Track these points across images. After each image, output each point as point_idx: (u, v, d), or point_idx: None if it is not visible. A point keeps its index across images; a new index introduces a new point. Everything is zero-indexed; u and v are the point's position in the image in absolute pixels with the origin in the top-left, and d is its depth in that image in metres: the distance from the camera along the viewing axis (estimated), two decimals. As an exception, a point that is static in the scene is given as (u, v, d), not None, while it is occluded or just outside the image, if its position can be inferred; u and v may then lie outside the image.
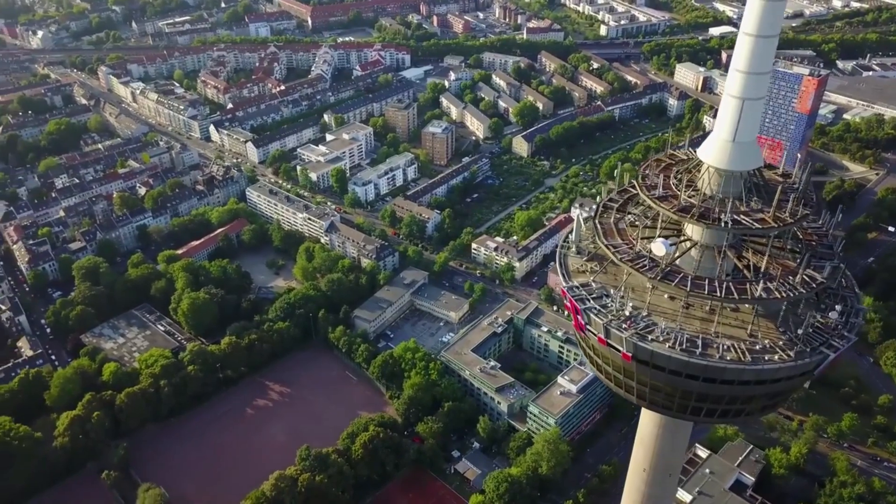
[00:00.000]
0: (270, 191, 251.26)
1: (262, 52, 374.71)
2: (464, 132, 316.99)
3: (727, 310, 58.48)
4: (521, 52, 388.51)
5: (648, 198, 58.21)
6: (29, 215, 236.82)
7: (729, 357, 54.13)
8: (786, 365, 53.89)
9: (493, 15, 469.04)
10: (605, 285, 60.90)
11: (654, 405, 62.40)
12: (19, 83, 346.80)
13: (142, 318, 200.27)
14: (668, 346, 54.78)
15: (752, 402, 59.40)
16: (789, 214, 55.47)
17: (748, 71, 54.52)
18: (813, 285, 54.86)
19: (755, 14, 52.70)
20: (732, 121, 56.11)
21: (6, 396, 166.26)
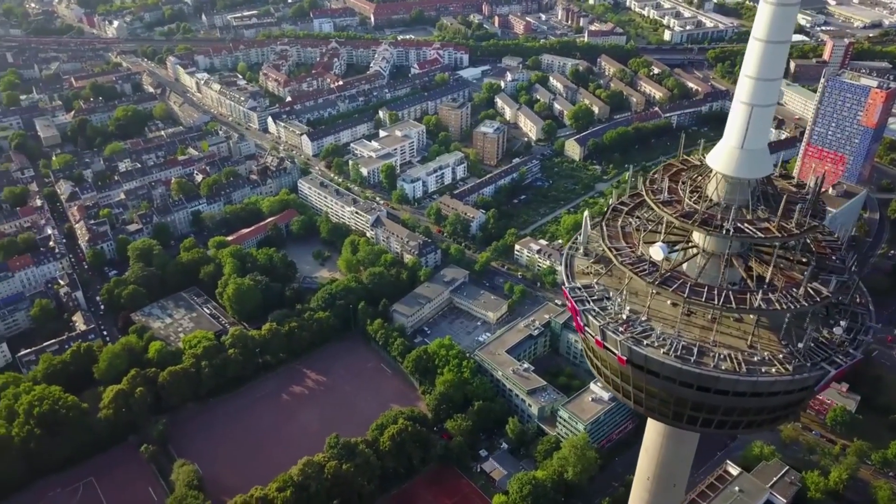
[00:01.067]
0: (321, 183, 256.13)
1: (324, 48, 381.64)
2: (516, 133, 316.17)
3: (730, 320, 57.36)
4: (581, 55, 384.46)
5: (652, 202, 57.57)
6: (92, 196, 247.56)
7: (724, 367, 53.15)
8: (782, 378, 52.53)
9: (555, 17, 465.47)
10: (607, 288, 60.54)
11: (650, 412, 61.64)
12: (93, 70, 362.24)
13: (189, 301, 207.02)
14: (662, 351, 54.15)
15: (749, 415, 58.06)
16: (795, 225, 54.02)
17: (757, 77, 53.36)
18: (817, 299, 53.30)
19: (765, 19, 51.54)
20: (741, 127, 54.98)
21: (58, 367, 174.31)
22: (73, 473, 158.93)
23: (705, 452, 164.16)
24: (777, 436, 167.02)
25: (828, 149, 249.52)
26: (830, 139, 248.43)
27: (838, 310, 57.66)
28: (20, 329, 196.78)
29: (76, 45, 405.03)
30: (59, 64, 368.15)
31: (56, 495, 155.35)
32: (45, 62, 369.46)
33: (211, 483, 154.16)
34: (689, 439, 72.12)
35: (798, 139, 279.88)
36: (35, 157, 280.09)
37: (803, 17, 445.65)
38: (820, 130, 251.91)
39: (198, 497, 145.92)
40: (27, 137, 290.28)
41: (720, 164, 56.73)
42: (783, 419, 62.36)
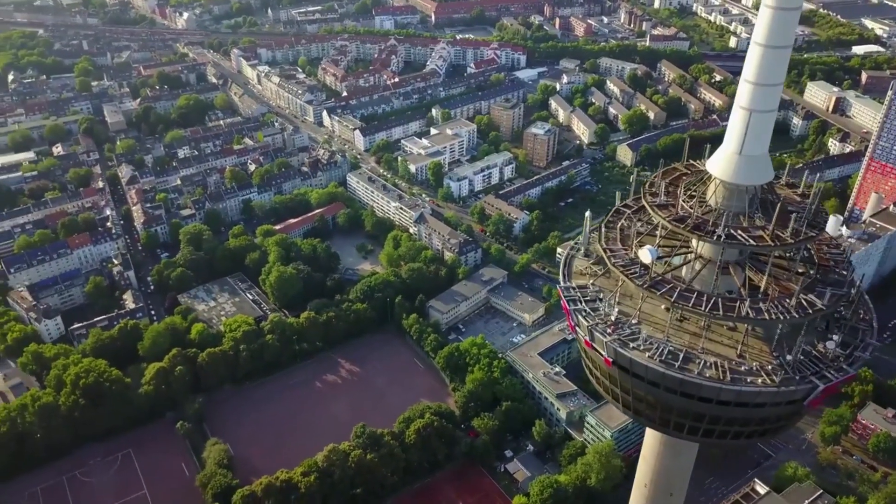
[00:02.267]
0: (369, 178, 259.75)
1: (383, 44, 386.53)
2: (569, 136, 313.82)
3: (723, 328, 56.31)
4: (641, 59, 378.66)
5: (648, 205, 57.00)
6: (150, 181, 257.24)
7: (708, 374, 52.25)
8: (767, 390, 51.29)
9: (617, 20, 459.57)
10: (602, 289, 60.21)
11: (639, 416, 61.01)
12: (161, 60, 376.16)
13: (234, 286, 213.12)
14: (647, 355, 53.59)
15: (736, 425, 56.77)
16: (790, 234, 52.62)
17: (756, 82, 52.18)
18: (809, 311, 51.85)
19: (765, 23, 50.38)
20: (740, 133, 53.92)
21: (106, 342, 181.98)
22: (113, 444, 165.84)
23: (737, 470, 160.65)
24: (814, 458, 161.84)
25: (892, 164, 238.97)
26: (882, 150, 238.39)
27: (839, 324, 55.94)
28: (75, 304, 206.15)
29: (147, 35, 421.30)
30: (130, 53, 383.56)
31: (96, 463, 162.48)
32: (118, 51, 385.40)
33: (240, 463, 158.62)
34: (687, 449, 70.87)
35: (863, 153, 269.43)
36: (101, 141, 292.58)
37: (880, 27, 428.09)
38: (885, 145, 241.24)
39: (226, 475, 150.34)
40: (95, 122, 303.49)
41: (718, 169, 55.82)
42: (773, 432, 60.75)
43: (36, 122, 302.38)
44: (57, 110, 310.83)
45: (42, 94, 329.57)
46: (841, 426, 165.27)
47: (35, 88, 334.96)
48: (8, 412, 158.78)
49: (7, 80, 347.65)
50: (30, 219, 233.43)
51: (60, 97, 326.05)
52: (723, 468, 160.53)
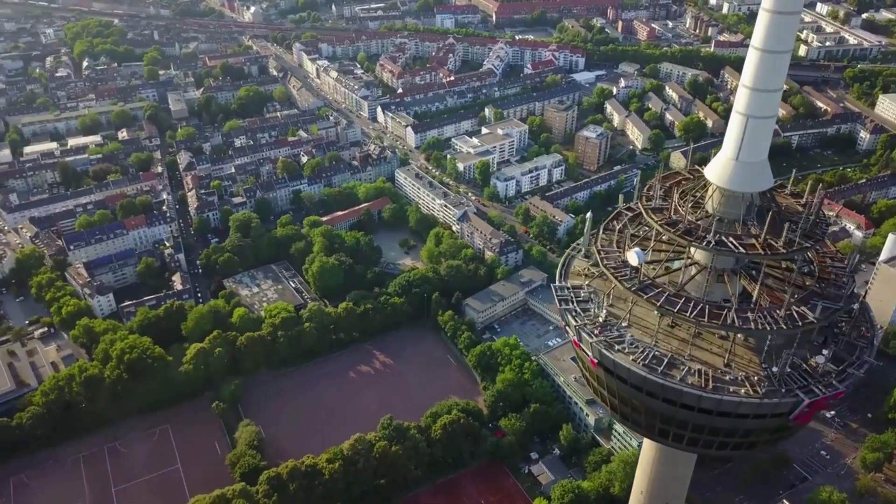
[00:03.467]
0: (417, 175, 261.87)
1: (441, 43, 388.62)
2: (622, 141, 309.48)
3: (715, 336, 55.24)
4: (704, 65, 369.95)
5: (643, 208, 56.42)
6: (206, 168, 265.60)
7: (691, 381, 51.41)
8: (748, 400, 50.20)
9: (682, 25, 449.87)
10: (596, 290, 59.86)
11: (625, 420, 60.36)
12: (226, 52, 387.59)
13: (278, 273, 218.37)
14: (631, 358, 53.08)
15: (720, 435, 55.60)
16: (783, 244, 51.23)
17: (754, 87, 51.02)
18: (799, 323, 50.43)
19: (763, 28, 49.21)
20: (737, 139, 52.86)
21: (152, 321, 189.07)
22: (152, 419, 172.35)
23: (769, 491, 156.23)
24: (852, 484, 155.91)
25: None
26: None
27: (837, 339, 54.22)
28: (127, 282, 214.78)
29: (214, 27, 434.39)
30: (198, 44, 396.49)
31: (135, 436, 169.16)
32: (186, 42, 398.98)
33: (270, 445, 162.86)
34: (684, 459, 69.66)
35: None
36: (164, 127, 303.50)
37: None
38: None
39: (255, 457, 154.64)
40: (159, 109, 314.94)
41: (715, 175, 54.89)
42: (760, 445, 59.19)
43: (105, 107, 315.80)
44: (125, 97, 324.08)
45: (112, 80, 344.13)
46: (884, 453, 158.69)
47: (106, 75, 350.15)
48: (56, 381, 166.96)
49: (82, 66, 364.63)
50: (92, 199, 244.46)
51: (129, 84, 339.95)
52: (755, 488, 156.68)
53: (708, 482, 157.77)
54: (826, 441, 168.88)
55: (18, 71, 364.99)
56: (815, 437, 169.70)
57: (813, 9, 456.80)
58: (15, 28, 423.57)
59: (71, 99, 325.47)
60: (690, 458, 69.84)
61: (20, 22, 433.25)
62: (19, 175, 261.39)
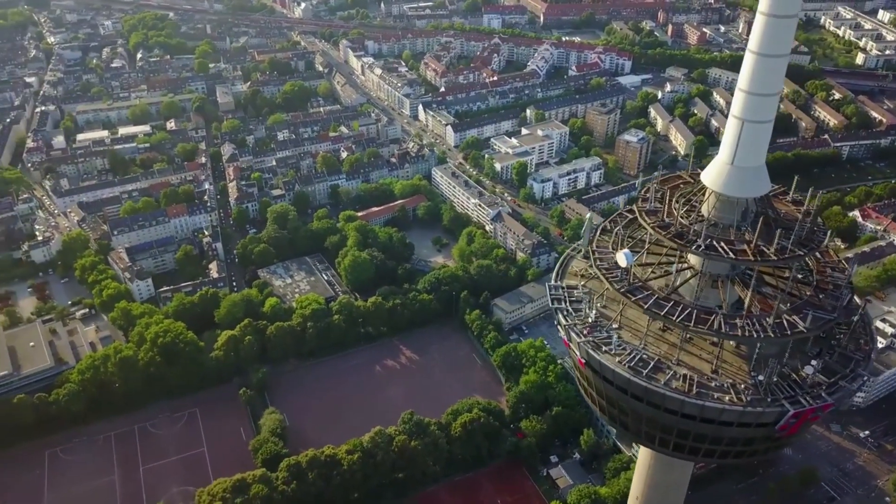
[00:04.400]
0: (453, 173, 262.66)
1: (487, 42, 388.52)
2: (665, 146, 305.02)
3: (707, 342, 54.41)
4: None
5: (638, 210, 55.91)
6: (248, 160, 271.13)
7: (675, 385, 50.76)
8: (732, 408, 49.31)
9: (735, 29, 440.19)
10: (591, 291, 59.54)
11: (613, 422, 59.84)
12: (274, 47, 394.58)
13: (311, 265, 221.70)
14: (617, 360, 52.69)
15: (705, 443, 54.65)
16: (774, 251, 50.13)
17: (749, 91, 50.02)
18: (788, 332, 49.31)
19: (759, 30, 48.23)
20: (732, 143, 51.95)
21: (187, 306, 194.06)
22: (182, 402, 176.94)
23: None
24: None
25: None
26: None
27: (833, 352, 52.89)
28: (166, 268, 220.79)
29: (265, 22, 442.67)
30: (248, 39, 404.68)
31: (165, 418, 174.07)
32: (236, 36, 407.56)
33: (293, 433, 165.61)
34: (679, 466, 68.60)
35: None
36: (210, 119, 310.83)
37: None
38: None
39: (277, 444, 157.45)
40: (207, 101, 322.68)
41: (710, 179, 54.06)
42: (748, 455, 57.89)
43: (155, 98, 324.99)
44: (175, 88, 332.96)
45: (164, 72, 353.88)
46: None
47: (158, 67, 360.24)
48: (93, 360, 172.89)
49: (136, 57, 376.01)
50: (137, 186, 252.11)
51: (180, 76, 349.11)
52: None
53: (731, 496, 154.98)
54: (858, 461, 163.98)
55: (77, 61, 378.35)
56: (847, 455, 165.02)
57: (874, 16, 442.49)
58: (76, 20, 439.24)
59: (124, 89, 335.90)
60: (686, 464, 68.90)
61: (81, 14, 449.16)
62: (71, 161, 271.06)
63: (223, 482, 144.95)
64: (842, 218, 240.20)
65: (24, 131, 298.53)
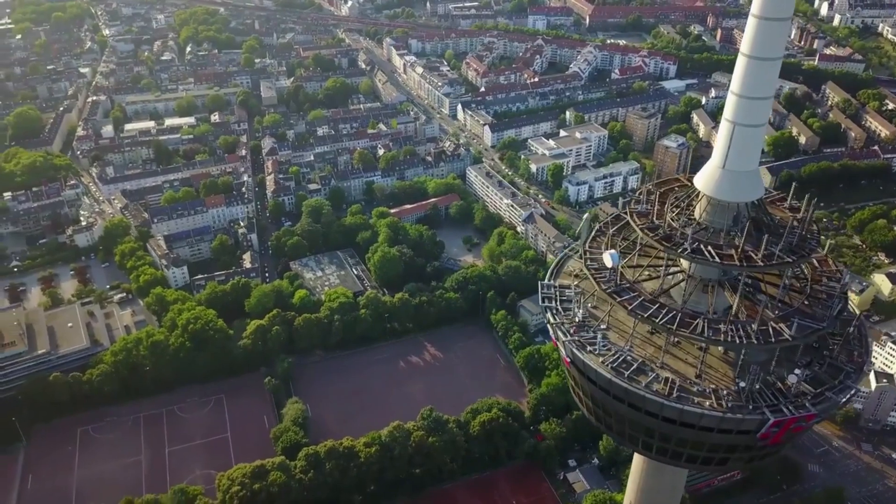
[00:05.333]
0: (487, 173, 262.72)
1: (529, 44, 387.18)
2: (706, 152, 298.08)
3: (695, 347, 53.73)
4: (804, 78, 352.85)
5: (629, 211, 55.57)
6: (287, 154, 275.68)
7: (655, 388, 50.28)
8: (711, 413, 48.60)
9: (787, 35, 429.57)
10: (584, 291, 59.30)
11: (599, 423, 59.46)
12: (319, 43, 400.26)
13: (342, 260, 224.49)
14: (600, 360, 52.43)
15: (687, 447, 53.89)
16: (762, 257, 49.23)
17: (741, 94, 49.31)
18: (772, 339, 48.39)
19: (751, 33, 47.46)
20: (724, 146, 51.28)
21: (219, 295, 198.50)
22: (209, 388, 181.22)
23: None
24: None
25: None
26: None
27: (825, 363, 51.73)
28: (201, 257, 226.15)
29: (312, 19, 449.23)
30: (294, 35, 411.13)
31: (193, 402, 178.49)
32: (283, 32, 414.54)
33: (314, 424, 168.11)
34: (671, 472, 67.72)
35: None
36: (253, 113, 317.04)
37: None
38: None
39: (298, 433, 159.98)
40: (251, 96, 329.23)
41: (702, 183, 53.44)
42: (732, 463, 56.86)
43: (201, 91, 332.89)
44: (221, 82, 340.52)
45: (211, 66, 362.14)
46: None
47: (206, 61, 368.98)
48: (125, 343, 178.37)
49: (185, 51, 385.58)
50: (179, 176, 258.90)
51: (226, 70, 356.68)
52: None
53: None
54: (888, 482, 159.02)
55: (129, 53, 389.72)
56: (877, 477, 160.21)
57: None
58: (131, 13, 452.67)
59: (172, 82, 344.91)
60: (679, 471, 68.03)
61: (136, 7, 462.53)
62: (118, 150, 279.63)
63: (243, 467, 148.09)
64: (887, 232, 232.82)
65: (75, 120, 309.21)
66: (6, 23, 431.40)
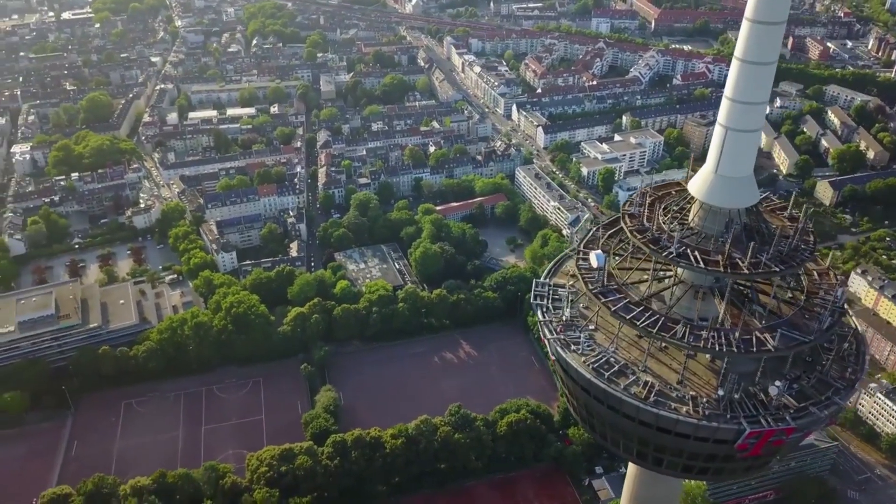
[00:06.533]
0: (536, 174, 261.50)
1: (591, 46, 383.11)
2: (765, 163, 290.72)
3: (682, 353, 52.79)
4: (878, 91, 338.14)
5: (622, 213, 55.00)
6: (341, 148, 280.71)
7: (633, 391, 49.67)
8: (686, 420, 47.70)
9: (863, 46, 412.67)
10: (577, 291, 58.97)
11: (583, 422, 59.01)
12: (381, 40, 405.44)
13: (385, 254, 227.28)
14: (582, 360, 52.09)
15: (666, 453, 52.92)
16: (748, 265, 47.96)
17: (734, 98, 48.18)
18: (753, 349, 47.17)
19: (745, 37, 46.36)
20: (716, 151, 50.08)
21: (264, 281, 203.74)
22: (248, 370, 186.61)
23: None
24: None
25: None
26: None
27: (814, 377, 50.15)
28: (251, 244, 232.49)
29: (376, 16, 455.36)
30: (357, 31, 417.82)
31: (231, 383, 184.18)
32: (346, 28, 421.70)
33: (344, 412, 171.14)
34: (663, 481, 66.34)
35: None
36: (311, 106, 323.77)
37: None
38: None
39: (328, 420, 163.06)
40: (310, 89, 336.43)
41: (695, 188, 52.44)
42: (716, 474, 55.44)
43: (264, 83, 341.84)
44: (282, 75, 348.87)
45: (275, 59, 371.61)
46: None
47: (270, 54, 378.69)
48: (171, 322, 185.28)
49: (251, 44, 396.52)
50: (235, 164, 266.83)
51: (289, 64, 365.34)
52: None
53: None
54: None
55: (199, 44, 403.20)
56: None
57: None
58: (203, 5, 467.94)
59: (237, 73, 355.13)
60: (672, 480, 66.77)
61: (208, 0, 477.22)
62: (180, 137, 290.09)
63: (271, 450, 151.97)
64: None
65: (143, 106, 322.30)
66: (87, 12, 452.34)
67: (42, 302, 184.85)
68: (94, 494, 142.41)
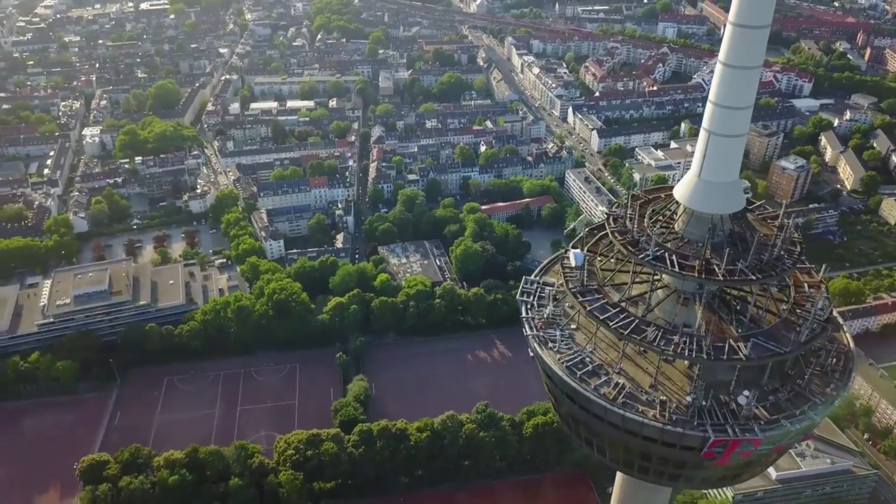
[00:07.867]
0: (586, 178, 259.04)
1: (654, 51, 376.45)
2: (829, 178, 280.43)
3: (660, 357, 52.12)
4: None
5: (608, 214, 54.63)
6: (393, 144, 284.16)
7: (603, 391, 49.30)
8: (651, 423, 47.06)
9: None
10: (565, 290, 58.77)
11: (562, 421, 58.74)
12: (443, 38, 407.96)
13: (428, 250, 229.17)
14: (556, 357, 52.01)
15: (633, 456, 52.23)
16: (722, 273, 46.92)
17: (718, 103, 47.15)
18: (723, 357, 46.20)
19: (728, 41, 45.30)
20: (700, 155, 49.18)
21: (307, 270, 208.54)
22: (285, 356, 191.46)
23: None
24: None
25: None
26: None
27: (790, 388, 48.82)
28: (299, 233, 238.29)
29: (439, 14, 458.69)
30: (419, 29, 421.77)
31: (269, 367, 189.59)
32: (409, 25, 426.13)
33: (374, 403, 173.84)
34: (647, 488, 65.31)
35: None
36: (368, 102, 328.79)
37: None
38: None
39: (357, 409, 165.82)
40: (368, 85, 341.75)
41: (680, 193, 51.70)
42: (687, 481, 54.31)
43: (325, 76, 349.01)
44: (343, 70, 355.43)
45: (337, 54, 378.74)
46: None
47: (333, 48, 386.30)
48: (215, 304, 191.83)
49: (315, 38, 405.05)
50: (290, 155, 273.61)
51: (350, 59, 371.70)
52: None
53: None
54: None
55: (266, 37, 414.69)
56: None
57: None
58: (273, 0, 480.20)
59: (300, 66, 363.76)
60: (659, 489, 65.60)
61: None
62: (240, 126, 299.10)
63: (300, 434, 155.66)
64: None
65: (208, 95, 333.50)
66: (164, 3, 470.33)
67: (97, 278, 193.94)
68: (130, 463, 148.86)
